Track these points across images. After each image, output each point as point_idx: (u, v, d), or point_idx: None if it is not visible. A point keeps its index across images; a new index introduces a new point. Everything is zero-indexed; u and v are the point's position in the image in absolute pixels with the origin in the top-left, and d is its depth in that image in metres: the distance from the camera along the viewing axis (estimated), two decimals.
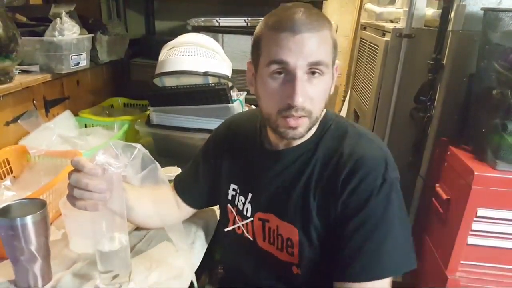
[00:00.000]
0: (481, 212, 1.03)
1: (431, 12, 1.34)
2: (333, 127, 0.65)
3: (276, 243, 0.67)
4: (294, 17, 0.56)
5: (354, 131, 0.64)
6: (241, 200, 0.72)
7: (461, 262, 1.09)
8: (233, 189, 0.74)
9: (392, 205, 0.58)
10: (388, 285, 0.57)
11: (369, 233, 0.57)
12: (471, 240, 1.06)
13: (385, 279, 0.57)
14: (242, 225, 0.72)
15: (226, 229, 0.75)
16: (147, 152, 0.60)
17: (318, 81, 0.58)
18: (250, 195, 0.71)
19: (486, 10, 1.08)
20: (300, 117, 0.58)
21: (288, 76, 0.57)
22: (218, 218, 0.90)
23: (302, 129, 0.60)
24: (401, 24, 1.39)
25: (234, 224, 0.73)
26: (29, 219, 0.59)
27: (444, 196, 1.14)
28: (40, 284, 0.64)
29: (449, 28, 1.20)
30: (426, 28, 1.33)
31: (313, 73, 0.57)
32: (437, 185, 1.21)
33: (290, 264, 0.65)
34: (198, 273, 0.72)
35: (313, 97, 0.58)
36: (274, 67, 0.57)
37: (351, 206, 0.58)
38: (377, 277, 0.56)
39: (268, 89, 0.59)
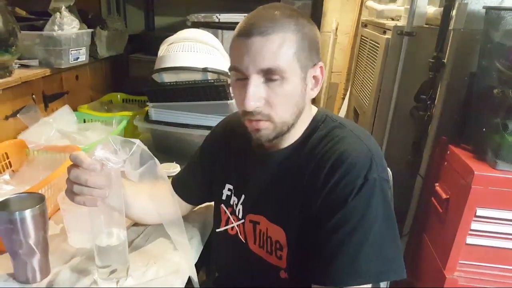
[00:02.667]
0: (480, 212, 1.03)
1: (432, 10, 1.33)
2: (322, 127, 0.63)
3: (266, 246, 0.66)
4: (249, 20, 0.56)
5: (342, 129, 0.61)
6: (235, 201, 0.71)
7: (460, 261, 1.08)
8: (229, 189, 0.73)
9: (372, 208, 0.54)
10: None
11: (346, 236, 0.54)
12: (470, 240, 1.06)
13: (363, 285, 0.54)
14: (237, 225, 0.71)
15: (217, 230, 0.74)
16: (145, 148, 0.60)
17: (277, 85, 0.56)
18: (243, 196, 0.70)
19: (488, 9, 1.08)
20: (259, 120, 0.58)
21: (244, 81, 0.57)
22: None
23: (267, 132, 0.59)
24: (402, 22, 1.38)
25: (226, 224, 0.73)
26: (27, 213, 0.59)
27: (444, 196, 1.14)
28: (38, 278, 0.64)
29: (451, 27, 1.20)
30: (427, 26, 1.33)
31: (271, 78, 0.56)
32: (437, 184, 1.21)
33: (278, 269, 0.64)
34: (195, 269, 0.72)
35: (271, 102, 0.57)
36: (233, 73, 0.59)
37: (330, 205, 0.55)
38: (352, 283, 0.53)
39: (234, 94, 0.61)
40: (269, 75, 0.56)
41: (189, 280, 0.70)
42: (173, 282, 0.66)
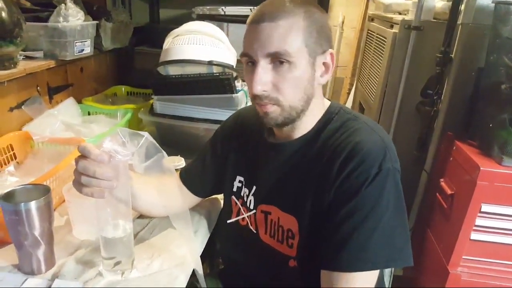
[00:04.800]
0: (485, 207, 1.02)
1: (440, 4, 1.31)
2: (336, 119, 0.64)
3: (277, 235, 0.66)
4: (261, 8, 0.59)
5: (356, 121, 0.62)
6: (246, 192, 0.72)
7: (463, 257, 1.08)
8: (239, 181, 0.74)
9: (385, 197, 0.55)
10: (374, 277, 0.56)
11: (358, 223, 0.55)
12: (474, 236, 1.06)
13: (372, 271, 0.56)
14: (247, 216, 0.72)
15: (228, 221, 0.75)
16: (154, 140, 0.60)
17: (285, 69, 0.57)
18: (254, 187, 0.71)
19: (497, 3, 1.06)
20: (267, 104, 0.59)
21: (254, 66, 0.59)
22: (221, 207, 0.90)
23: (274, 115, 0.60)
24: (409, 16, 1.37)
25: (237, 216, 0.73)
26: (33, 204, 0.60)
27: (449, 191, 1.14)
28: (43, 269, 0.65)
29: (459, 21, 1.18)
30: (435, 20, 1.31)
31: (280, 62, 0.57)
32: (442, 180, 1.20)
33: (288, 257, 0.65)
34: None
35: (278, 86, 0.58)
36: (244, 58, 0.61)
37: (344, 193, 0.56)
38: (363, 268, 0.55)
39: (246, 80, 0.62)
40: (276, 59, 0.57)
41: (194, 272, 0.70)
42: (177, 275, 0.66)
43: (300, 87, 0.59)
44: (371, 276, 0.56)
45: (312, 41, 0.58)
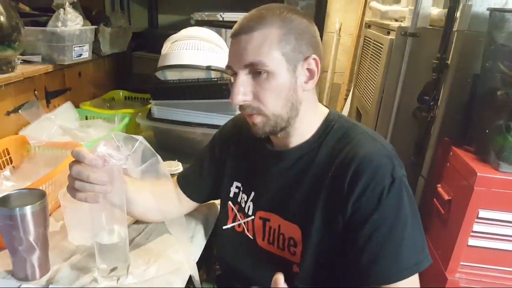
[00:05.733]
0: (482, 213, 1.02)
1: (436, 11, 1.33)
2: (336, 127, 0.64)
3: (277, 242, 0.66)
4: (240, 21, 0.60)
5: (357, 131, 0.63)
6: (244, 198, 0.72)
7: (461, 263, 1.08)
8: (236, 187, 0.73)
9: (404, 203, 0.57)
10: (416, 281, 0.57)
11: (385, 235, 0.56)
12: (472, 242, 1.05)
13: (410, 277, 0.56)
14: (244, 223, 0.71)
15: (224, 227, 0.74)
16: (148, 144, 0.60)
17: (264, 79, 0.58)
18: (252, 193, 0.70)
19: (492, 11, 1.07)
20: (252, 114, 0.61)
21: (234, 77, 0.60)
22: (218, 212, 0.89)
23: (261, 126, 0.61)
24: (406, 23, 1.38)
25: (234, 221, 0.73)
26: (28, 209, 0.59)
27: (446, 197, 1.14)
28: (37, 275, 0.64)
29: (455, 28, 1.19)
30: (431, 27, 1.32)
31: (258, 72, 0.58)
32: (439, 185, 1.20)
33: (290, 263, 0.65)
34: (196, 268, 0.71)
35: (259, 96, 0.59)
36: (229, 71, 0.62)
37: (363, 209, 0.57)
38: (400, 278, 0.55)
39: None
40: (253, 69, 0.58)
41: (190, 279, 0.70)
42: (174, 281, 0.65)
43: (281, 95, 0.59)
44: (411, 282, 0.56)
45: (289, 48, 0.58)
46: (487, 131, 1.06)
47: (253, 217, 0.69)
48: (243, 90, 0.59)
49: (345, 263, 0.59)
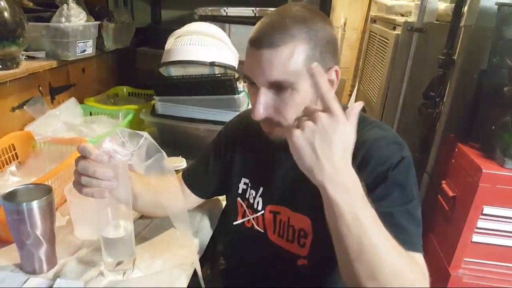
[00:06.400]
0: (487, 210, 1.02)
1: (443, 6, 1.31)
2: None
3: (286, 235, 0.67)
4: (260, 29, 0.57)
5: (366, 122, 0.63)
6: (252, 194, 0.72)
7: (465, 259, 1.08)
8: (244, 183, 0.73)
9: (410, 181, 0.56)
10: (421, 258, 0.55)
11: (391, 206, 0.54)
12: (475, 238, 1.05)
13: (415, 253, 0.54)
14: (253, 218, 0.72)
15: (235, 223, 0.75)
16: (153, 140, 0.60)
17: (287, 95, 0.57)
18: (261, 188, 0.71)
19: (501, 5, 1.06)
20: (270, 127, 0.60)
21: (255, 88, 0.58)
22: (222, 208, 0.90)
23: (278, 135, 0.61)
24: (412, 18, 1.36)
25: (243, 217, 0.73)
26: (35, 204, 0.60)
27: (450, 193, 1.13)
28: (45, 268, 0.65)
29: (462, 23, 1.18)
30: (438, 22, 1.31)
31: (282, 87, 0.56)
32: (444, 182, 1.20)
33: (296, 256, 0.65)
34: (200, 263, 0.72)
35: (280, 110, 0.58)
36: (246, 79, 0.60)
37: (370, 185, 0.55)
38: (410, 248, 0.52)
39: (250, 98, 0.63)
40: (278, 86, 0.57)
41: (195, 272, 0.70)
42: (178, 275, 0.66)
43: (302, 109, 0.58)
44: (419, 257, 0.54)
45: (315, 61, 0.55)
46: (493, 127, 1.06)
47: (262, 212, 0.70)
48: (265, 105, 0.57)
49: None
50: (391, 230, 0.51)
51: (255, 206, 0.71)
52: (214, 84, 1.04)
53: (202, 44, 1.06)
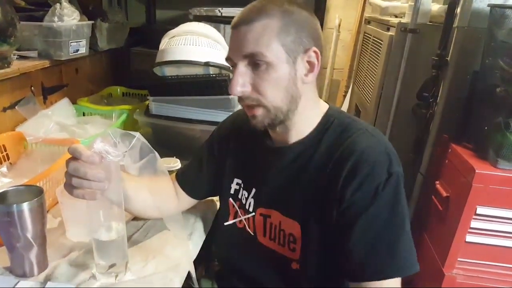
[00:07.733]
0: (480, 210, 1.02)
1: (436, 7, 1.32)
2: (336, 123, 0.64)
3: (278, 238, 0.66)
4: (240, 13, 0.59)
5: (356, 127, 0.62)
6: (245, 195, 0.72)
7: (459, 259, 1.09)
8: (237, 183, 0.73)
9: (400, 200, 0.56)
10: (399, 284, 0.56)
11: (380, 231, 0.55)
12: (469, 238, 1.06)
13: (398, 277, 0.55)
14: (244, 219, 0.71)
15: (226, 223, 0.74)
16: (145, 141, 0.59)
17: (263, 70, 0.57)
18: (253, 190, 0.70)
19: (493, 7, 1.07)
20: (252, 107, 0.60)
21: (234, 69, 0.60)
22: (216, 209, 0.89)
23: (261, 118, 0.61)
24: (406, 19, 1.37)
25: (235, 218, 0.73)
26: (25, 206, 0.59)
27: (444, 194, 1.14)
28: (35, 271, 0.64)
29: (455, 24, 1.19)
30: (431, 23, 1.32)
31: (257, 63, 0.57)
32: (437, 182, 1.20)
33: (289, 260, 0.65)
34: (194, 264, 0.71)
35: (258, 87, 0.58)
36: (229, 62, 0.62)
37: (358, 204, 0.56)
38: (394, 274, 0.55)
39: None
40: (252, 60, 0.58)
41: (189, 274, 0.70)
42: (172, 277, 0.65)
43: (280, 87, 0.59)
44: (397, 282, 0.56)
45: (289, 40, 0.57)
46: (486, 128, 1.06)
47: (253, 213, 0.69)
48: (242, 81, 0.58)
49: (340, 257, 0.59)
50: (371, 253, 0.53)
51: (247, 207, 0.71)
52: (209, 84, 1.04)
53: (196, 44, 1.06)
